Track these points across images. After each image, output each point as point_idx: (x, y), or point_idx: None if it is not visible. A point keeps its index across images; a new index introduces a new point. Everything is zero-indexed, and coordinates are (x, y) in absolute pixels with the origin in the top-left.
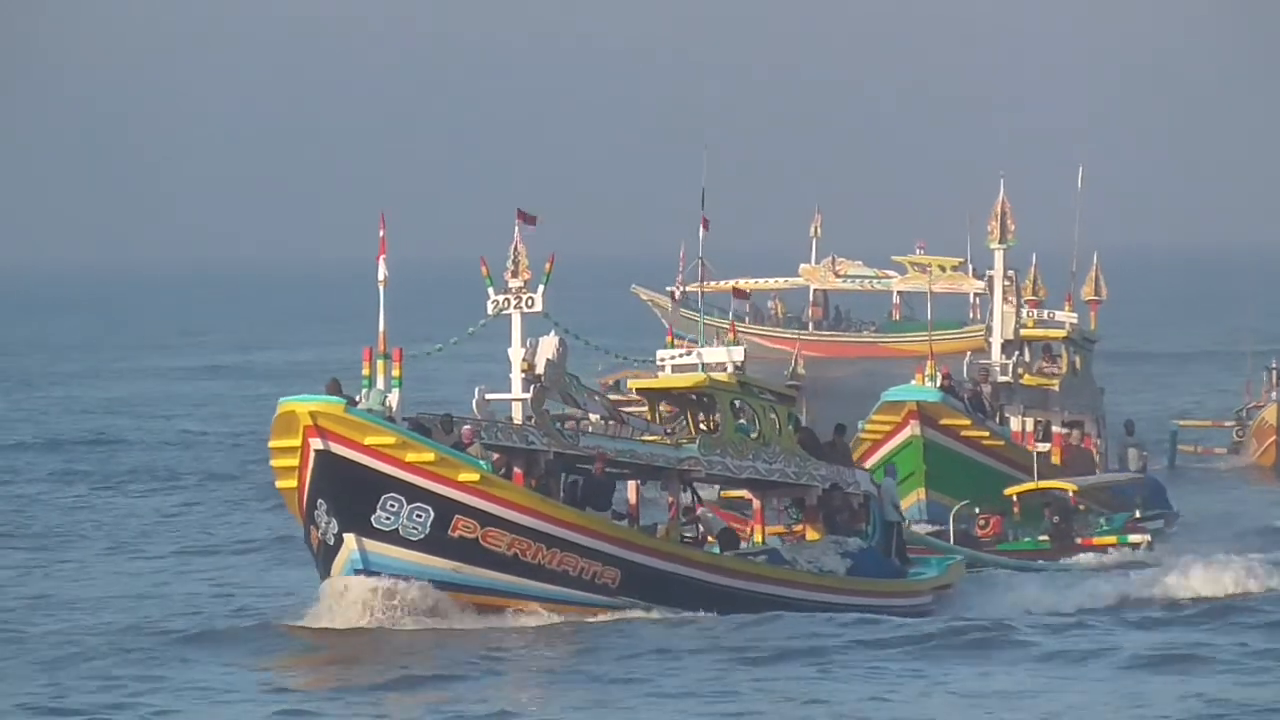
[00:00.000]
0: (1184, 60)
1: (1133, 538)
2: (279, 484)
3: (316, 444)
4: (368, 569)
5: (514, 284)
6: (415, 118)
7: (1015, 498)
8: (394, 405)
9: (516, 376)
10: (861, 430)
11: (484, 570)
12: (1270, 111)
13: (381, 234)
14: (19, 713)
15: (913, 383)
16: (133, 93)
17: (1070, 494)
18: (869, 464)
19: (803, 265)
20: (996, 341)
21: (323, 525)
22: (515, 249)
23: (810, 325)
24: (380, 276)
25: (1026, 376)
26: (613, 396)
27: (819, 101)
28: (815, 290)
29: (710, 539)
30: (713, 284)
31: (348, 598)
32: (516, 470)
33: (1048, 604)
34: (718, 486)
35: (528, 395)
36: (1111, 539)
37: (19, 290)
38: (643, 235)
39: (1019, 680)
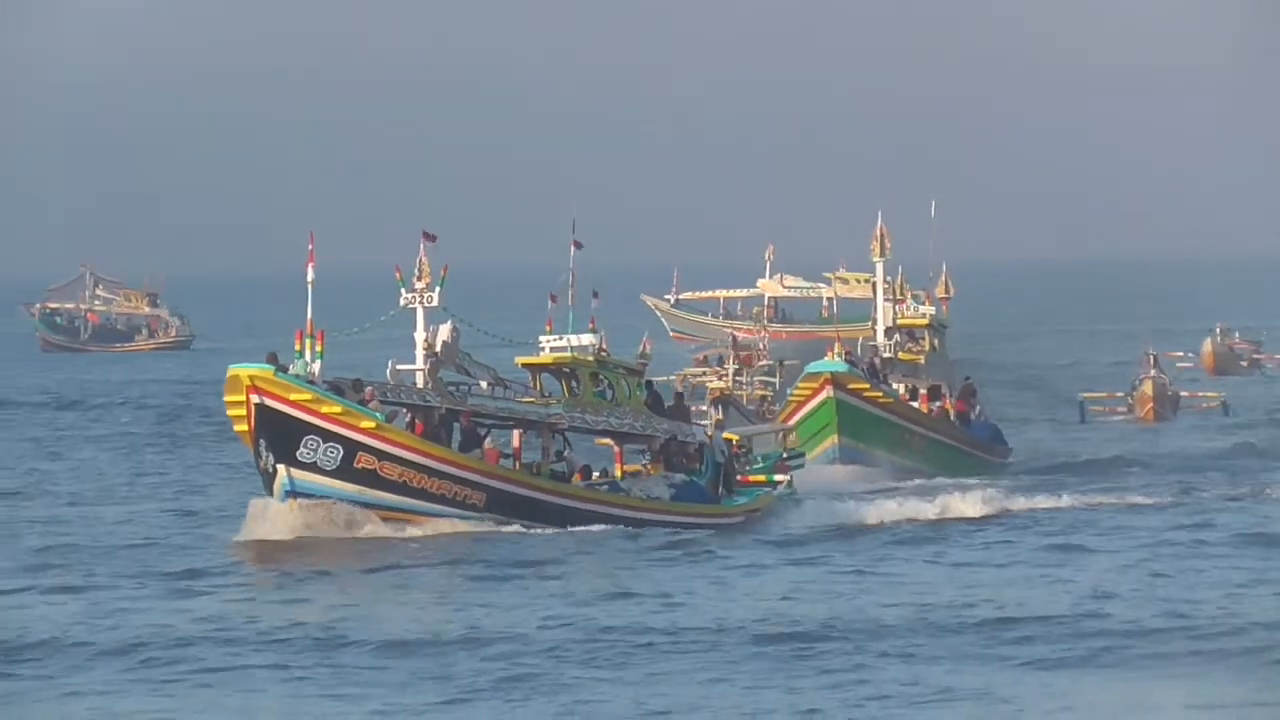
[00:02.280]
0: None
1: (777, 476)
2: (236, 428)
3: (255, 399)
4: (295, 491)
5: (419, 285)
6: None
7: None
8: (316, 372)
9: (419, 353)
10: (791, 393)
11: (382, 493)
12: None
13: (310, 248)
14: None
15: (826, 358)
16: None
17: (734, 441)
18: (797, 418)
19: (760, 280)
20: (880, 328)
21: (265, 458)
22: (420, 260)
23: (766, 321)
24: (309, 279)
25: (901, 354)
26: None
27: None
28: (768, 297)
29: (577, 475)
30: (698, 293)
31: (270, 515)
32: (418, 421)
33: (811, 520)
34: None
35: (426, 367)
36: (762, 477)
37: None
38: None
39: (760, 567)
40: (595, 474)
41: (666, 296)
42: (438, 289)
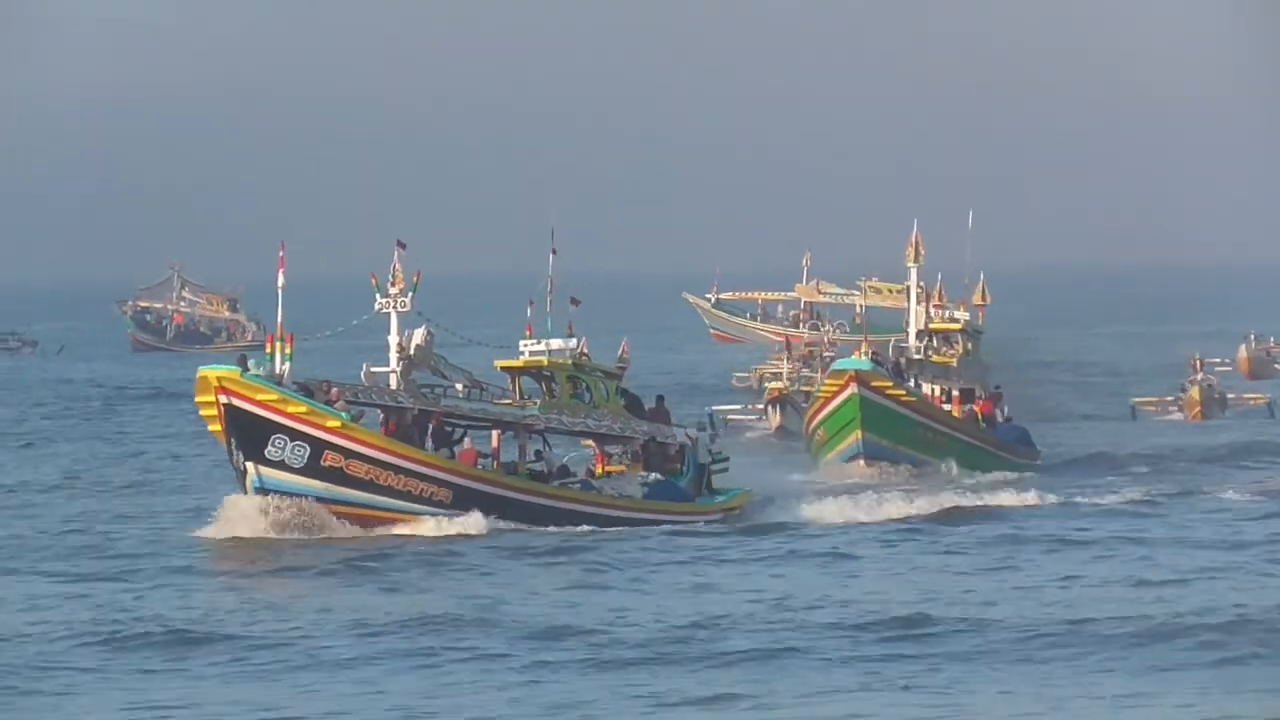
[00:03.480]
0: None
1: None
2: (210, 428)
3: (223, 399)
4: (264, 488)
5: (393, 291)
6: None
7: None
8: (285, 373)
9: (393, 355)
10: (819, 390)
11: (349, 490)
12: None
13: (281, 254)
14: None
15: (853, 357)
16: None
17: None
18: (824, 414)
19: (796, 285)
20: (912, 331)
21: (235, 455)
22: (394, 267)
23: (802, 325)
24: (280, 284)
25: (934, 356)
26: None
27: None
28: (804, 302)
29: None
30: (743, 294)
31: (241, 511)
32: (390, 421)
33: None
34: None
35: (399, 369)
36: None
37: None
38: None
39: (733, 562)
40: (580, 474)
41: (707, 296)
42: (410, 294)
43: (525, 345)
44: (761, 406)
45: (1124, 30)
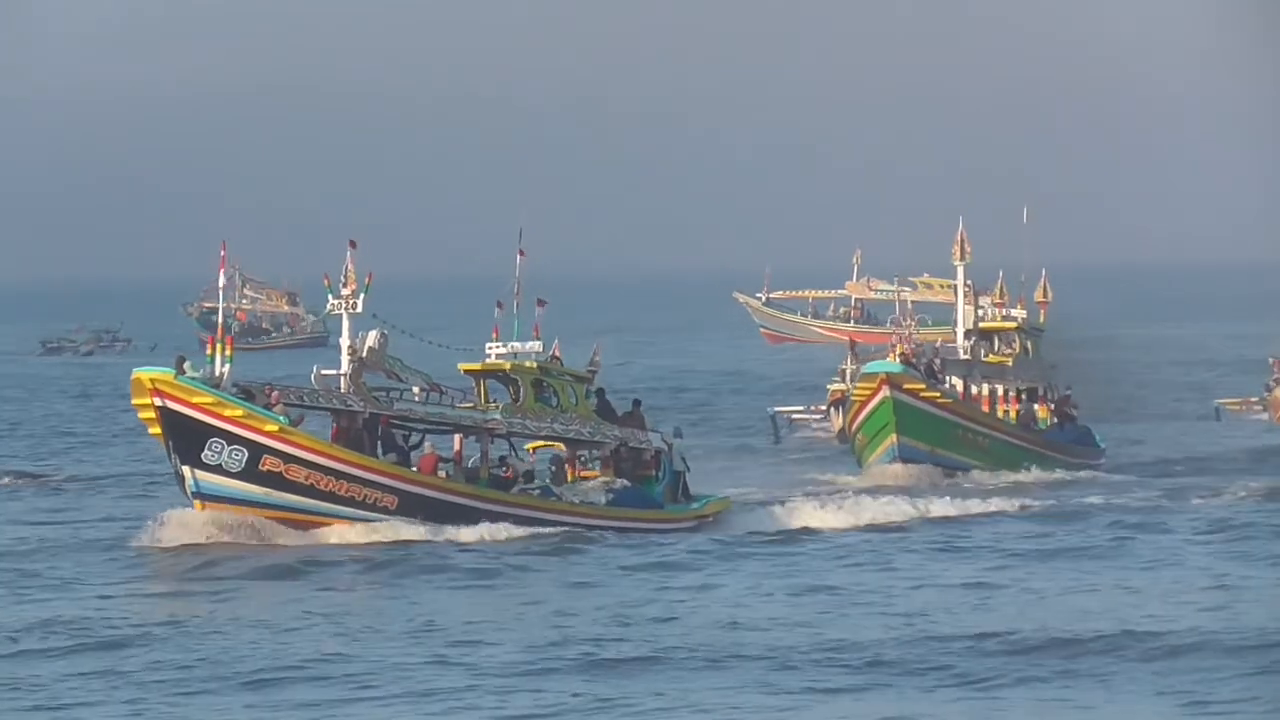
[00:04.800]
0: None
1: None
2: (150, 431)
3: (157, 401)
4: (200, 493)
5: (345, 292)
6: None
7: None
8: (225, 375)
9: (345, 358)
10: (852, 392)
11: (289, 495)
12: None
13: (223, 254)
14: None
15: (885, 359)
16: None
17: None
18: (861, 418)
19: (847, 282)
20: (960, 330)
21: (173, 459)
22: (346, 267)
23: (852, 321)
24: (220, 284)
25: (990, 356)
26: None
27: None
28: (855, 299)
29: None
30: (793, 293)
31: (179, 522)
32: (341, 425)
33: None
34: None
35: (349, 371)
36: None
37: None
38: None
39: (691, 568)
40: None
41: (758, 295)
42: (362, 295)
43: (490, 348)
44: (824, 407)
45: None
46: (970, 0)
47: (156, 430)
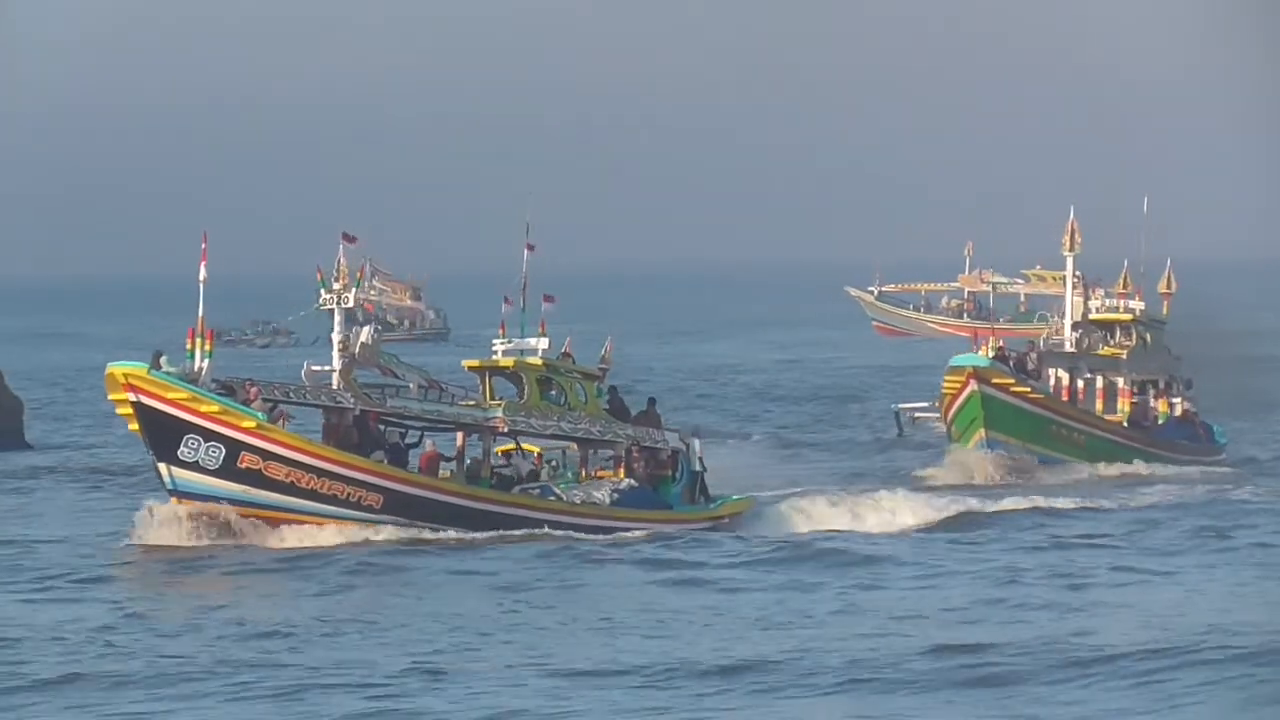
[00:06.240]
0: None
1: None
2: (130, 427)
3: (131, 397)
4: (177, 490)
5: (337, 287)
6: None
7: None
8: (203, 370)
9: (336, 354)
10: (943, 386)
11: (269, 493)
12: None
13: (204, 246)
14: None
15: (975, 352)
16: None
17: (536, 454)
18: (951, 411)
19: (960, 275)
20: (1067, 321)
21: (150, 455)
22: (339, 261)
23: (965, 315)
24: (201, 278)
25: (1104, 348)
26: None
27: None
28: (968, 292)
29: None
30: (906, 286)
31: (156, 516)
32: (331, 422)
33: (774, 529)
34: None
35: (340, 367)
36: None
37: None
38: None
39: (703, 569)
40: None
41: (870, 289)
42: (354, 290)
43: (497, 344)
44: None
45: None
46: None
47: (135, 425)
